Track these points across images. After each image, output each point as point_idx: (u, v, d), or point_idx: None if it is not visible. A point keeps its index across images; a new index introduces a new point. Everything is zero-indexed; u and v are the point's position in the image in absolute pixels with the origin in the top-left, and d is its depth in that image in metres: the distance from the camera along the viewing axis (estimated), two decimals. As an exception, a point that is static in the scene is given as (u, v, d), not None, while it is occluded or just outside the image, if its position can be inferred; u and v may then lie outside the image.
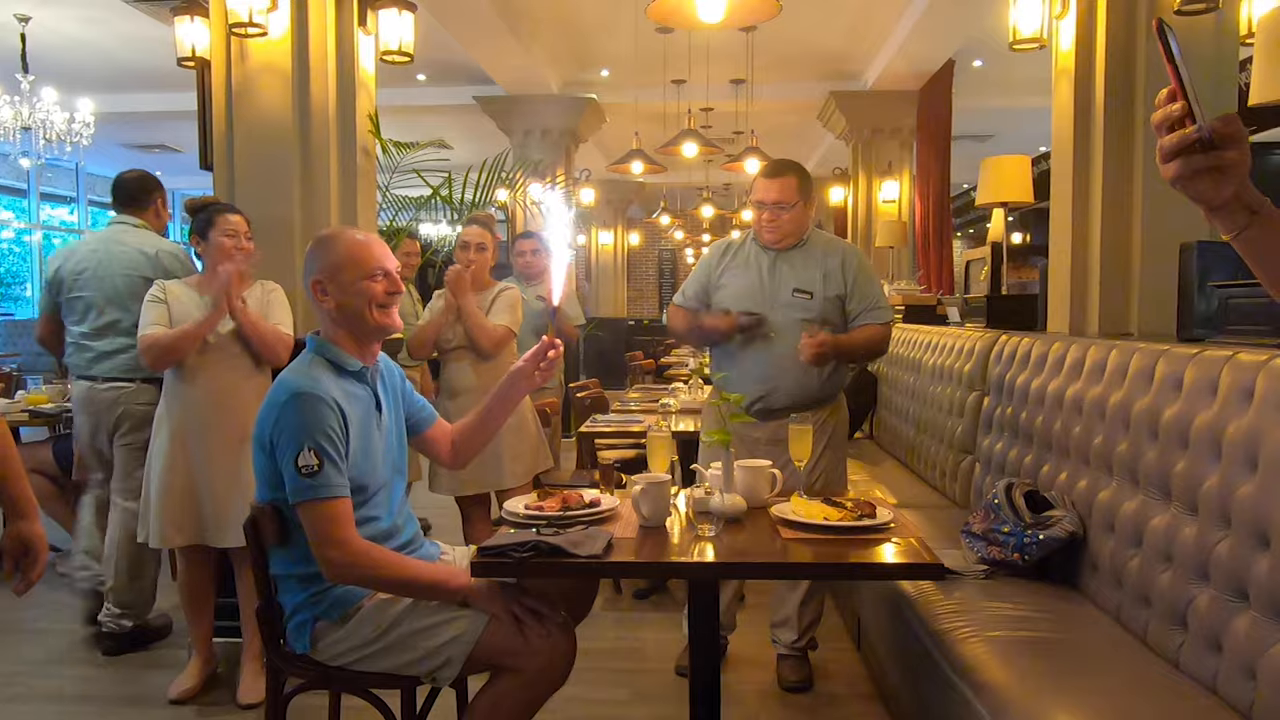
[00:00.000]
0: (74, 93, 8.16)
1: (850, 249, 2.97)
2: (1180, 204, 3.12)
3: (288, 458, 1.79)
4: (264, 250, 2.99)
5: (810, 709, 2.74)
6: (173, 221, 16.40)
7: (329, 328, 1.97)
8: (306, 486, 1.78)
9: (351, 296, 1.94)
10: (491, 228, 3.48)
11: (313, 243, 2.02)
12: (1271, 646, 1.49)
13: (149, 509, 2.85)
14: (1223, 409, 1.75)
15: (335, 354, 1.94)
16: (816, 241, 2.91)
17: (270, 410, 1.84)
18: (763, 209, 2.84)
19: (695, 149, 6.75)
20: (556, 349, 2.02)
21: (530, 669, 1.80)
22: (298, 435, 1.79)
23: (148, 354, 2.79)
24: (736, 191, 14.23)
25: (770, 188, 2.82)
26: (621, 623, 3.47)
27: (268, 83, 3.21)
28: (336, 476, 1.80)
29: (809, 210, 2.88)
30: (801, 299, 2.82)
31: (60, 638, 3.49)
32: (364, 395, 1.95)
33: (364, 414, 1.93)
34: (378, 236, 2.09)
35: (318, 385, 1.84)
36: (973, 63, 8.08)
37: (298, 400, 1.81)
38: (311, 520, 1.80)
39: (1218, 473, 1.73)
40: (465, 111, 8.81)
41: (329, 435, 1.80)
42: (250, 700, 2.77)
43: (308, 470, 1.78)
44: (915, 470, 3.88)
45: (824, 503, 1.96)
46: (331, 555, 1.79)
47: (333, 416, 1.82)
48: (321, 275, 1.94)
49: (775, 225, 2.83)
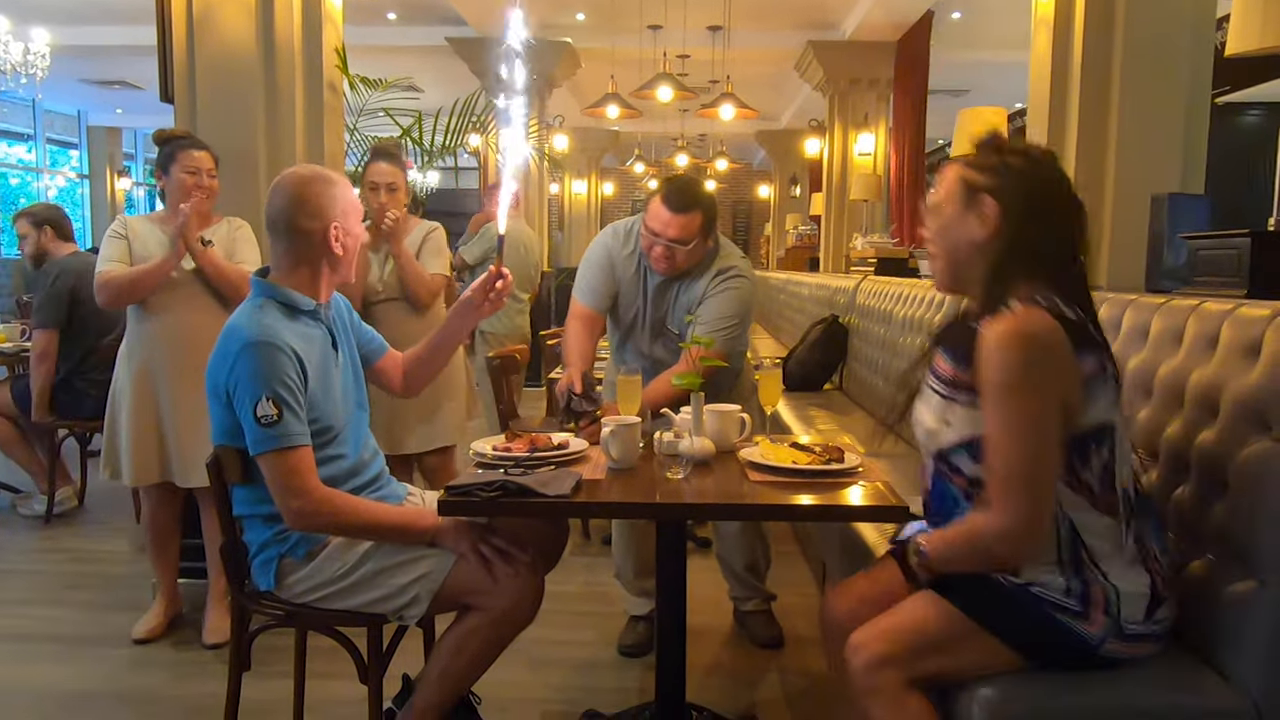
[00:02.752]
0: (27, 23, 7.86)
1: (729, 269, 2.56)
2: (1152, 156, 3.16)
3: (246, 408, 1.76)
4: (228, 184, 2.92)
5: (776, 652, 2.79)
6: (134, 160, 16.03)
7: (291, 267, 1.90)
8: (267, 437, 1.75)
9: (354, 243, 1.94)
10: (402, 161, 3.18)
11: (311, 182, 1.91)
12: (1226, 587, 1.53)
13: (117, 447, 2.81)
14: (1186, 358, 1.76)
15: (287, 295, 1.89)
16: (709, 265, 2.57)
17: (223, 360, 1.80)
18: (656, 242, 2.47)
19: (670, 93, 6.67)
20: (505, 279, 1.98)
21: (497, 608, 1.81)
22: (254, 385, 1.75)
23: (101, 292, 2.72)
24: (712, 141, 14.12)
25: (671, 224, 2.44)
26: (590, 568, 3.50)
27: (230, 11, 3.10)
28: (296, 424, 1.77)
29: (707, 244, 2.54)
30: (669, 337, 2.60)
31: (23, 578, 3.46)
32: (319, 335, 1.92)
33: (321, 355, 1.89)
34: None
35: (272, 333, 1.79)
36: (951, 14, 8.02)
37: (252, 350, 1.77)
38: (273, 471, 1.77)
39: (1179, 419, 1.75)
40: (436, 53, 8.61)
41: (286, 384, 1.77)
42: (216, 640, 2.76)
43: (267, 420, 1.74)
44: (884, 420, 3.91)
45: (792, 447, 1.97)
46: (294, 505, 1.77)
47: (289, 364, 1.78)
48: (340, 222, 1.90)
49: (668, 260, 2.49)
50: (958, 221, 1.58)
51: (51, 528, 4.01)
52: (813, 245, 10.34)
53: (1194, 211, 2.59)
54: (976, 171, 1.58)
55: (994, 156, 1.57)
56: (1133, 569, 1.52)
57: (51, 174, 14.25)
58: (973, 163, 1.59)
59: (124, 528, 3.90)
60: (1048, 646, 1.50)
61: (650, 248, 2.51)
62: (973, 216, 1.56)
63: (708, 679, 2.61)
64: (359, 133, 4.32)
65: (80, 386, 3.88)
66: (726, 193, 17.82)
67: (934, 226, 1.63)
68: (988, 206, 1.54)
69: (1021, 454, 1.44)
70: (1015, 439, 1.44)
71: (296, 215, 1.88)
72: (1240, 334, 1.62)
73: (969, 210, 1.57)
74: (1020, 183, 1.54)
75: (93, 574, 3.43)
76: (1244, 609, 1.50)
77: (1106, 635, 1.49)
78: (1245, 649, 1.49)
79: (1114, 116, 3.16)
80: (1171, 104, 3.17)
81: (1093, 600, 1.49)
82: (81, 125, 14.44)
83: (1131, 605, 1.50)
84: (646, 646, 2.74)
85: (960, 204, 1.58)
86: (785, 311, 7.13)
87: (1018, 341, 1.44)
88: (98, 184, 14.72)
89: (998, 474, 1.46)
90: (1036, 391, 1.44)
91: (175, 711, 2.44)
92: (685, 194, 2.46)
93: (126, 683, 2.59)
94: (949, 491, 1.60)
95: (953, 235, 1.60)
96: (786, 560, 3.54)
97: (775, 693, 2.57)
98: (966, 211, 1.57)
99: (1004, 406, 1.45)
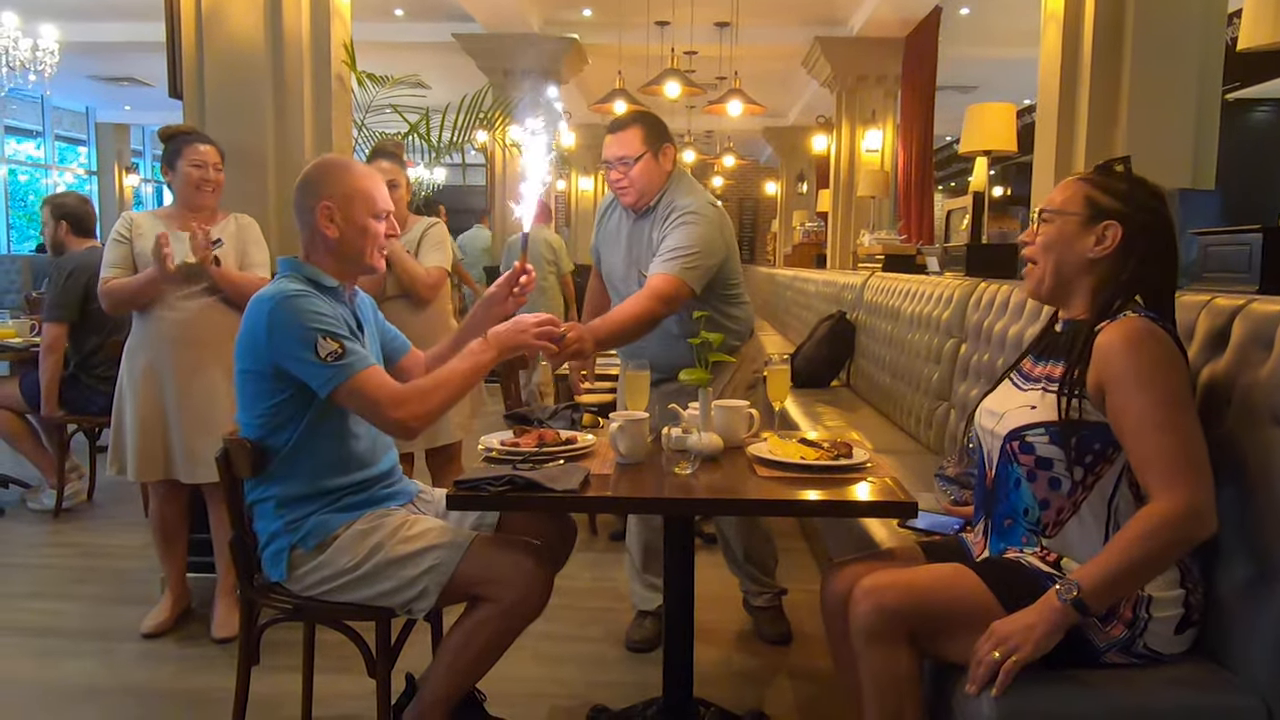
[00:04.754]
0: (36, 19, 7.88)
1: (683, 205, 2.53)
2: (1162, 152, 3.14)
3: (306, 357, 1.77)
4: (236, 180, 2.92)
5: (784, 649, 2.78)
6: (142, 157, 16.07)
7: (315, 252, 1.93)
8: (339, 370, 1.77)
9: (355, 231, 1.92)
10: (403, 159, 3.24)
11: (320, 165, 1.96)
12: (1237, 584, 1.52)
13: (123, 443, 2.81)
14: (1197, 354, 1.75)
15: (313, 272, 1.92)
16: (672, 198, 2.59)
17: (254, 334, 1.82)
18: (610, 168, 2.56)
19: (678, 89, 6.66)
20: (530, 275, 2.02)
21: (505, 600, 1.81)
22: (305, 332, 1.77)
23: (104, 301, 2.75)
24: (719, 138, 14.09)
25: (612, 143, 2.54)
26: (597, 564, 3.50)
27: (239, 7, 3.10)
28: (358, 347, 1.82)
29: (662, 162, 2.57)
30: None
31: (31, 572, 3.48)
32: (343, 313, 1.93)
33: (345, 330, 1.89)
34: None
35: (298, 290, 1.83)
36: (959, 10, 7.99)
37: (286, 303, 1.79)
38: (359, 397, 1.79)
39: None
40: (444, 50, 8.62)
41: (330, 321, 1.81)
42: (225, 634, 2.77)
43: (334, 356, 1.76)
44: (891, 417, 3.90)
45: (801, 443, 1.96)
46: (396, 415, 1.79)
47: (326, 307, 1.82)
48: (333, 202, 1.90)
49: (624, 184, 2.55)
50: (1075, 237, 1.62)
51: (60, 522, 4.02)
52: (820, 242, 10.33)
53: (1205, 207, 2.58)
54: (1103, 193, 1.62)
55: (1122, 183, 1.62)
56: (1170, 583, 1.53)
57: (60, 170, 14.30)
58: (1099, 184, 1.63)
59: (132, 522, 3.91)
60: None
61: (610, 183, 2.61)
62: (1092, 235, 1.60)
63: (715, 675, 2.61)
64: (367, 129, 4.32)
65: (89, 383, 3.90)
66: (733, 189, 17.80)
67: (1046, 235, 1.66)
68: (1111, 230, 1.59)
69: (1177, 432, 1.46)
70: (1167, 419, 1.46)
71: (299, 194, 1.93)
72: (1252, 329, 1.61)
73: (1089, 228, 1.61)
74: (1145, 216, 1.60)
75: (101, 568, 3.44)
76: (1255, 606, 1.49)
77: (1112, 646, 1.50)
78: (1255, 646, 1.48)
79: (1124, 112, 3.15)
80: (1182, 100, 3.16)
81: (1120, 607, 1.50)
82: (90, 122, 14.50)
83: (1161, 622, 1.51)
84: (654, 642, 2.74)
85: (1081, 221, 1.61)
86: (792, 308, 7.13)
87: (1147, 334, 1.50)
88: (106, 180, 14.77)
89: (1160, 458, 1.46)
90: (1176, 371, 1.49)
91: (183, 706, 2.45)
92: (622, 116, 2.64)
93: (135, 677, 2.59)
94: (1012, 474, 1.63)
95: (1065, 247, 1.63)
96: (794, 557, 3.54)
97: (783, 689, 2.57)
98: (1087, 229, 1.61)
99: (1148, 392, 1.47)
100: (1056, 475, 1.58)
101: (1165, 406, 1.46)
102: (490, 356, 1.91)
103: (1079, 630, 1.48)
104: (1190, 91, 3.16)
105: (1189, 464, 1.45)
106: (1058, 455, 1.56)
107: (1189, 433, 1.47)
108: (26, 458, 4.25)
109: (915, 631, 1.53)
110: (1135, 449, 1.49)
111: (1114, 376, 1.50)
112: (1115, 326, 1.54)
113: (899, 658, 1.52)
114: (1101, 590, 1.44)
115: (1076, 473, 1.56)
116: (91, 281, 3.80)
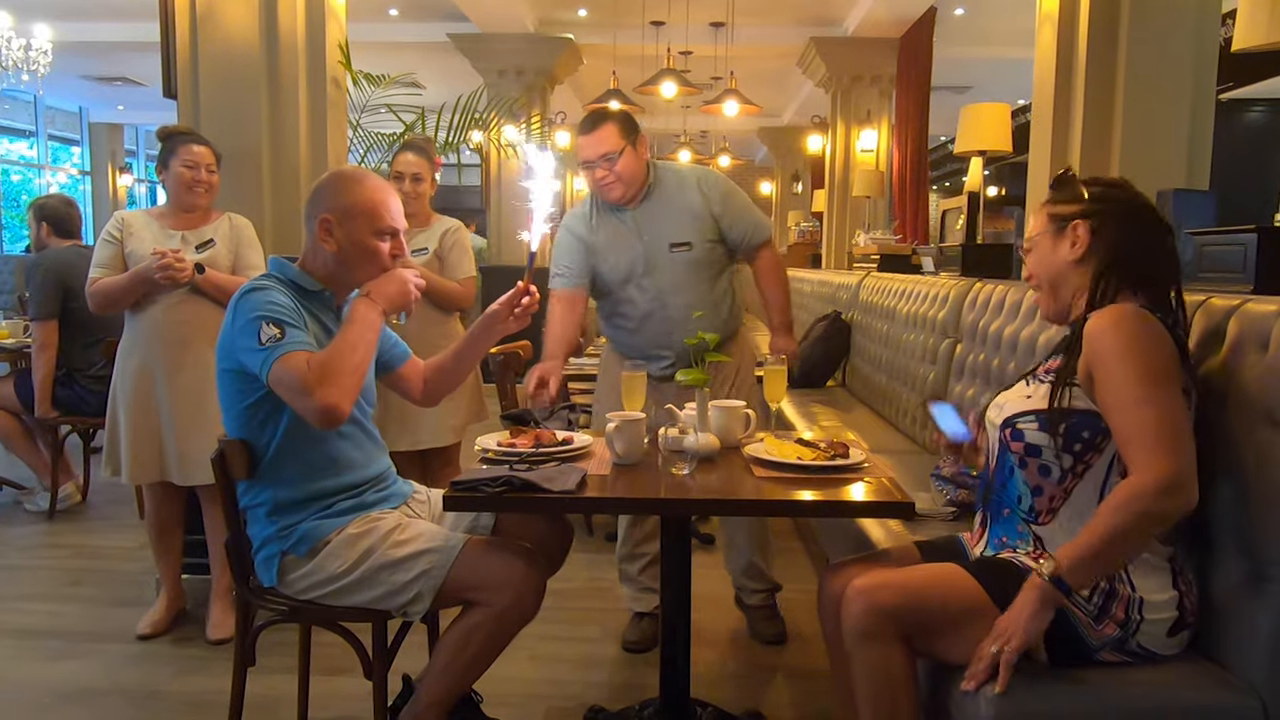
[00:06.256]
0: (29, 19, 7.85)
1: (702, 174, 2.71)
2: (1157, 152, 3.15)
3: (251, 345, 1.72)
4: (231, 180, 2.92)
5: (779, 649, 2.78)
6: (136, 157, 16.01)
7: (312, 261, 1.92)
8: (269, 350, 1.71)
9: (356, 249, 1.88)
10: (431, 154, 3.17)
11: (331, 177, 1.94)
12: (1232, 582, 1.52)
13: (117, 445, 2.80)
14: (1193, 353, 1.75)
15: (298, 275, 1.90)
16: (666, 182, 2.67)
17: (224, 331, 1.81)
18: (592, 169, 2.57)
19: (674, 89, 6.66)
20: (532, 295, 1.98)
21: (498, 605, 1.80)
22: (251, 322, 1.74)
23: (91, 300, 2.74)
24: (714, 138, 14.10)
25: (589, 144, 2.56)
26: (593, 564, 3.49)
27: (233, 7, 3.10)
28: (301, 334, 1.75)
29: (640, 151, 2.61)
30: (682, 253, 2.63)
31: (26, 574, 3.47)
32: (326, 319, 1.92)
33: (322, 333, 1.89)
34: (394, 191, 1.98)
35: (268, 285, 1.82)
36: (954, 11, 8.00)
37: (246, 298, 1.78)
38: (285, 383, 1.70)
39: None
40: (438, 50, 8.61)
41: (286, 312, 1.76)
42: (220, 635, 2.76)
43: (272, 340, 1.71)
44: (886, 417, 3.91)
45: (797, 443, 1.96)
46: (312, 404, 1.68)
47: (289, 299, 1.79)
48: (332, 215, 1.87)
49: (611, 180, 2.57)
50: (1052, 249, 1.70)
51: (55, 523, 4.01)
52: (815, 242, 10.33)
53: (1199, 207, 2.58)
54: (1060, 204, 1.70)
55: (1075, 187, 1.70)
56: (1162, 586, 1.53)
57: (53, 170, 14.25)
58: (1055, 198, 1.73)
59: (127, 524, 3.90)
60: (1047, 637, 1.50)
61: (596, 183, 2.60)
62: (1066, 241, 1.67)
63: (712, 675, 2.60)
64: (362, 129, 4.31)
65: (83, 384, 3.89)
66: (728, 189, 17.75)
67: (1032, 263, 1.75)
68: (1078, 228, 1.65)
69: (1156, 406, 1.46)
70: (1146, 394, 1.47)
71: (307, 202, 1.92)
72: (1247, 329, 1.61)
73: (1060, 238, 1.68)
74: (1103, 204, 1.66)
75: (96, 570, 3.43)
76: (1250, 604, 1.49)
77: (1106, 645, 1.51)
78: (1251, 644, 1.48)
79: (1119, 113, 3.15)
80: (1177, 100, 3.17)
81: (1112, 607, 1.50)
82: (83, 122, 14.44)
83: (1154, 624, 1.51)
84: (650, 642, 2.74)
85: (1052, 235, 1.70)
86: (788, 308, 7.11)
87: (1131, 315, 1.53)
88: (99, 180, 14.71)
89: (1140, 433, 1.46)
90: (1157, 348, 1.50)
91: (179, 707, 2.44)
92: (591, 116, 2.64)
93: (130, 678, 2.58)
94: (1007, 461, 1.66)
95: (1049, 263, 1.71)
96: (790, 557, 3.54)
97: (779, 689, 2.57)
98: (1059, 239, 1.69)
99: (1127, 367, 1.48)
100: (1046, 462, 1.60)
101: (1144, 382, 1.47)
102: (377, 312, 1.85)
103: (1072, 627, 1.49)
104: (1185, 92, 3.17)
105: (1167, 437, 1.45)
106: (1045, 442, 1.58)
107: (1168, 407, 1.47)
108: (20, 458, 4.24)
109: (908, 631, 1.53)
110: (1118, 426, 1.50)
111: (1097, 355, 1.52)
112: (1102, 311, 1.57)
113: (892, 657, 1.53)
114: (1079, 565, 1.43)
115: (1065, 460, 1.57)
116: (66, 277, 3.76)
